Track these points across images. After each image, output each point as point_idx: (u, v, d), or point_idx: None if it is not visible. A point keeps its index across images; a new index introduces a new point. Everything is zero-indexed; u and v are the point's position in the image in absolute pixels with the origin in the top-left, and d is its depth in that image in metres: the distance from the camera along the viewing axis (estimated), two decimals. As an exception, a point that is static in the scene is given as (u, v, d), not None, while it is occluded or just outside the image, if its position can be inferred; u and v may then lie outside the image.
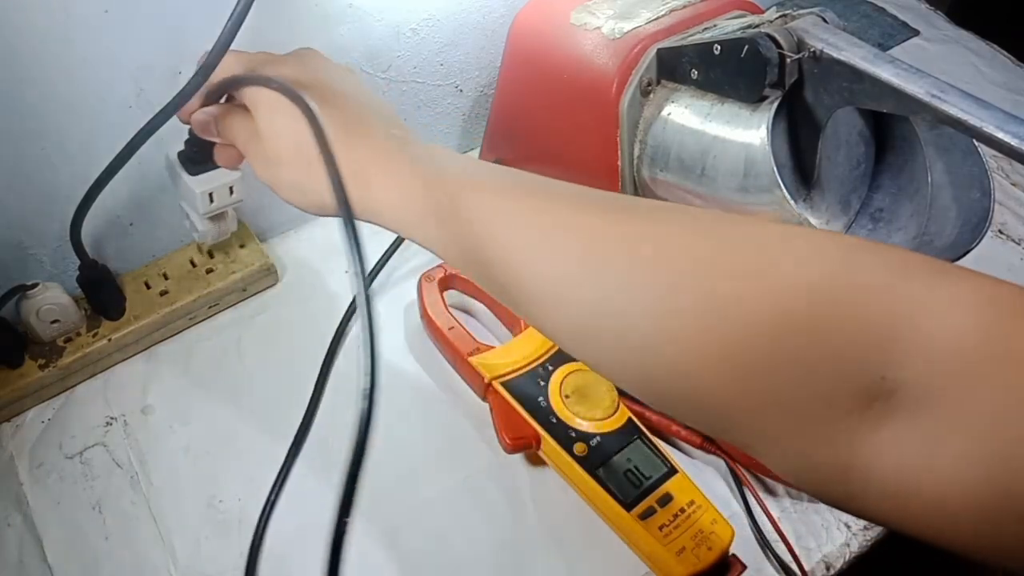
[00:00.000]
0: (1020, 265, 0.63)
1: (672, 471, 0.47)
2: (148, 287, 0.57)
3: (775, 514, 0.49)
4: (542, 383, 0.50)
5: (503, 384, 0.50)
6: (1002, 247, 0.64)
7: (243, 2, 0.45)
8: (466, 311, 0.59)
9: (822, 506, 0.49)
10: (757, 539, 0.48)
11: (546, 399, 0.50)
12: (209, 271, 0.58)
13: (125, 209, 0.56)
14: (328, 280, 0.61)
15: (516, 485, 0.51)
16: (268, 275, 0.60)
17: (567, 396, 0.50)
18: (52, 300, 0.52)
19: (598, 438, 0.48)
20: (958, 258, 0.39)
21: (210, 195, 0.52)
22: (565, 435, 0.48)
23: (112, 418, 0.54)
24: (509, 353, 0.52)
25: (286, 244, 0.64)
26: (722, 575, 0.45)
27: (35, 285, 0.52)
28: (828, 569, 0.48)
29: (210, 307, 0.59)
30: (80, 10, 0.45)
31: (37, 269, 0.55)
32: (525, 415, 0.49)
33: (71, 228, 0.51)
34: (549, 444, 0.48)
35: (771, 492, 0.50)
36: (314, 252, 0.64)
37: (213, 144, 0.50)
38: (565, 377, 0.51)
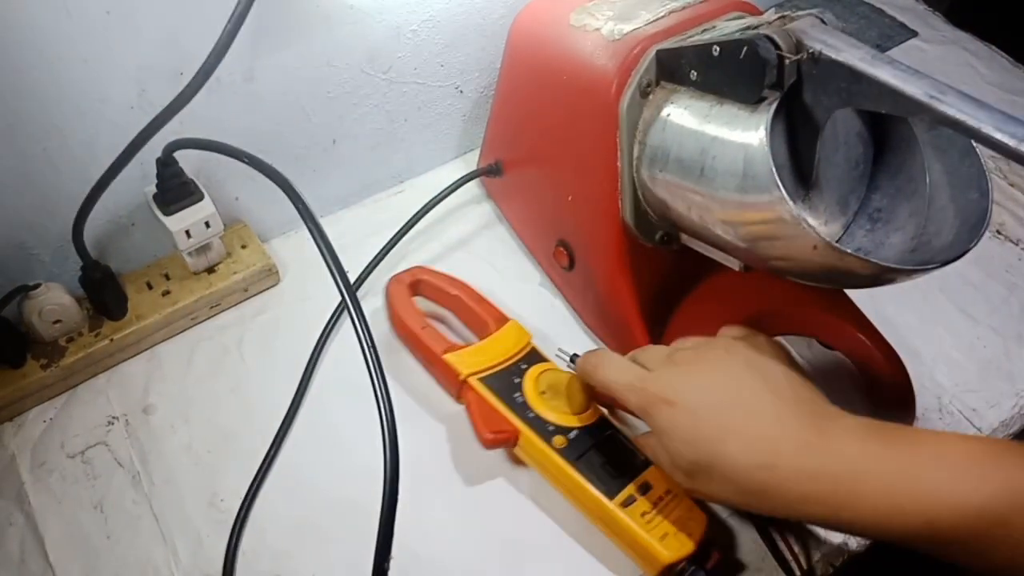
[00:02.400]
0: (1019, 265, 0.63)
1: (648, 462, 0.48)
2: (150, 287, 0.58)
3: (774, 513, 0.49)
4: (517, 380, 0.51)
5: (480, 380, 0.50)
6: (1000, 247, 0.65)
7: (243, 3, 0.46)
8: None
9: (821, 505, 0.50)
10: (759, 537, 0.48)
11: (522, 395, 0.50)
12: (211, 271, 0.59)
13: (127, 209, 0.56)
14: (329, 280, 0.61)
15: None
16: (269, 275, 0.61)
17: (543, 392, 0.50)
18: (54, 300, 0.52)
19: (576, 431, 0.48)
20: (956, 258, 0.39)
21: (187, 232, 0.53)
22: (543, 429, 0.48)
23: (114, 417, 0.54)
24: (483, 352, 0.52)
25: (287, 244, 0.64)
26: (703, 560, 0.45)
27: (37, 285, 0.52)
28: (827, 568, 0.48)
29: (212, 307, 0.59)
30: (82, 11, 0.45)
31: (39, 269, 0.55)
32: (502, 410, 0.49)
33: (74, 229, 0.51)
34: (528, 438, 0.48)
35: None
36: (315, 252, 0.64)
37: (186, 183, 0.53)
38: (540, 375, 0.51)
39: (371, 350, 0.41)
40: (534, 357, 0.53)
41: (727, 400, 0.40)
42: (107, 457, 0.52)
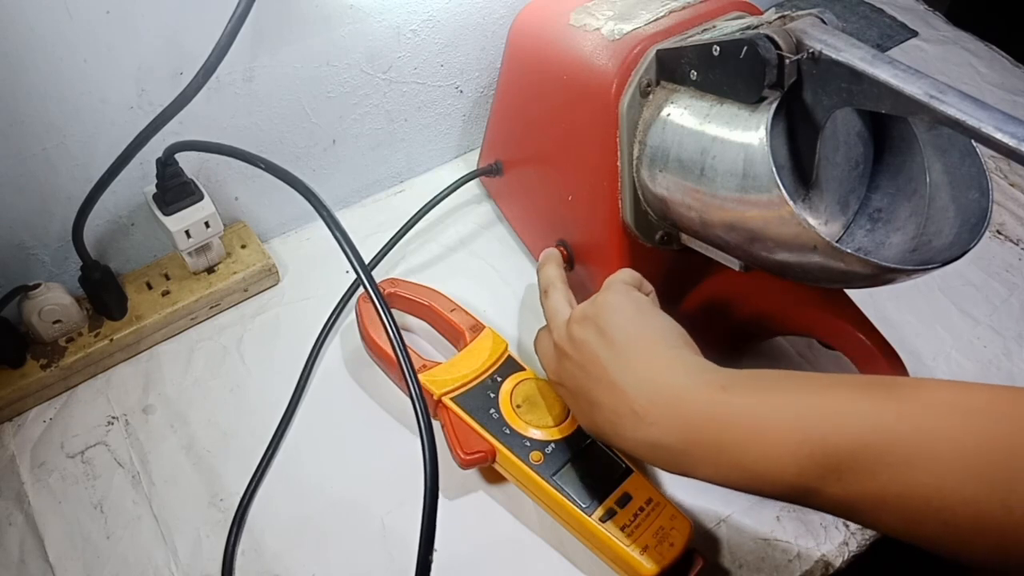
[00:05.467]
0: (1019, 265, 0.63)
1: (628, 471, 0.47)
2: (150, 287, 0.58)
3: (774, 513, 0.49)
4: (492, 395, 0.50)
5: (453, 399, 0.49)
6: (1000, 247, 0.65)
7: (244, 3, 0.46)
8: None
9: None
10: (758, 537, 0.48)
11: (497, 411, 0.49)
12: (210, 271, 0.59)
13: (127, 209, 0.56)
14: (329, 280, 0.61)
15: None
16: (269, 275, 0.61)
17: (518, 406, 0.49)
18: (54, 300, 0.52)
19: (552, 445, 0.48)
20: (956, 258, 0.39)
21: (187, 232, 0.53)
22: (520, 445, 0.47)
23: (114, 417, 0.54)
24: (456, 368, 0.51)
25: (287, 244, 0.64)
26: (686, 570, 0.45)
27: (37, 285, 0.52)
28: (827, 568, 0.48)
29: (211, 307, 0.59)
30: (82, 11, 0.45)
31: (39, 269, 0.55)
32: (478, 428, 0.48)
33: (73, 229, 0.51)
34: (505, 456, 0.47)
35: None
36: (315, 252, 0.64)
37: (186, 183, 0.53)
38: (514, 387, 0.50)
39: (398, 341, 0.41)
40: (510, 367, 0.52)
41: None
42: (107, 457, 0.52)
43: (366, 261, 0.61)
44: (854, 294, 0.56)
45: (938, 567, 0.70)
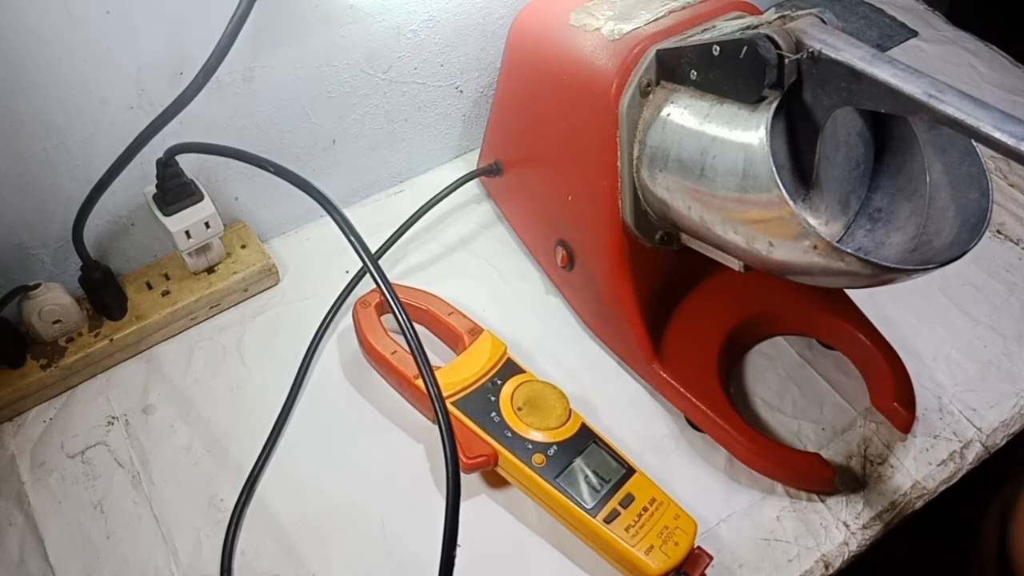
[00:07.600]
0: (1019, 265, 0.63)
1: (631, 471, 0.47)
2: (150, 287, 0.58)
3: (774, 513, 0.49)
4: (492, 398, 0.50)
5: (454, 403, 0.49)
6: (1000, 247, 0.65)
7: (244, 3, 0.46)
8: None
9: (821, 505, 0.50)
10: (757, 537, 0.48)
11: (499, 414, 0.49)
12: (210, 271, 0.59)
13: (127, 209, 0.56)
14: (329, 280, 0.61)
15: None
16: (269, 275, 0.61)
17: (519, 408, 0.49)
18: (54, 300, 0.52)
19: (555, 447, 0.48)
20: (956, 258, 0.39)
21: (187, 232, 0.53)
22: (522, 448, 0.47)
23: (114, 417, 0.54)
24: (456, 371, 0.51)
25: (287, 244, 0.64)
26: (692, 569, 0.45)
27: (37, 285, 0.52)
28: (827, 568, 0.48)
29: (211, 307, 0.59)
30: (81, 11, 0.45)
31: (39, 269, 0.55)
32: (480, 432, 0.48)
33: (73, 229, 0.51)
34: (507, 459, 0.47)
35: (770, 491, 0.50)
36: (315, 252, 0.64)
37: (186, 183, 0.53)
38: (515, 389, 0.50)
39: (415, 340, 0.41)
40: (510, 369, 0.52)
41: None
42: (107, 457, 0.52)
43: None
44: (854, 294, 0.56)
45: (936, 568, 0.70)
